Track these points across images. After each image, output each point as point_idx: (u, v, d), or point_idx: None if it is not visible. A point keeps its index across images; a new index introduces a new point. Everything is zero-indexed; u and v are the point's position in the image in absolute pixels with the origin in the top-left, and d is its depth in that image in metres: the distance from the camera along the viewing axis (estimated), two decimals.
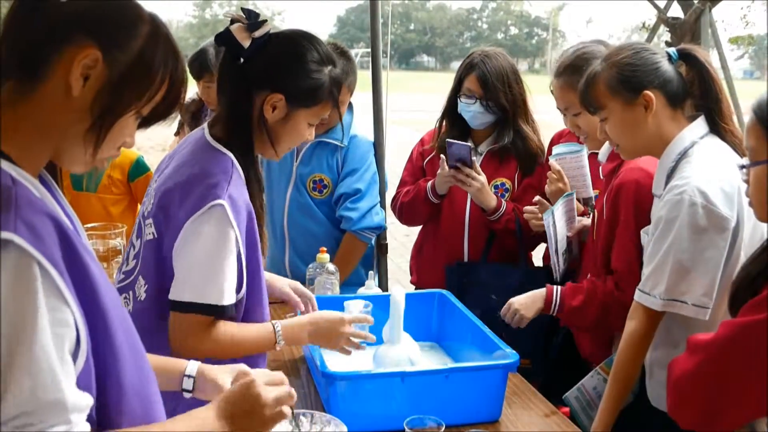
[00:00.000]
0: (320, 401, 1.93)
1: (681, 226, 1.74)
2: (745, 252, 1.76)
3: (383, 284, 3.15)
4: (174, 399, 1.53)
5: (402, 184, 2.89)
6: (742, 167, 1.45)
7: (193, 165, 1.59)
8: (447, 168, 2.60)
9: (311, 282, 2.48)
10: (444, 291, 2.40)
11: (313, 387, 2.03)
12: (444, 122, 2.81)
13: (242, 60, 1.61)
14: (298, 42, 1.66)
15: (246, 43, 1.58)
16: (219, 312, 1.54)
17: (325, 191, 2.80)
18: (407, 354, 2.02)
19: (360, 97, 2.85)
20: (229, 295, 1.55)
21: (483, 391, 1.87)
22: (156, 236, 1.58)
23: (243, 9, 1.61)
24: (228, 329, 1.60)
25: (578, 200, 2.51)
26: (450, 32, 78.83)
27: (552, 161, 2.53)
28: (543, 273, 2.68)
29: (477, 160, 2.72)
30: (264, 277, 1.72)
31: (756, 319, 1.30)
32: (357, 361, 2.14)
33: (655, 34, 8.81)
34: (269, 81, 1.62)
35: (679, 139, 1.85)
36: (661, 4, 8.61)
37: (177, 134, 3.82)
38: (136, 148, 1.88)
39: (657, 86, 1.84)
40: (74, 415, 0.92)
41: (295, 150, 2.78)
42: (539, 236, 2.63)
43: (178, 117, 3.57)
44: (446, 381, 1.83)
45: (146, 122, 1.10)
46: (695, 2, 8.12)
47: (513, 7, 79.04)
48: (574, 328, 2.25)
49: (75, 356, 0.94)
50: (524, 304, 2.22)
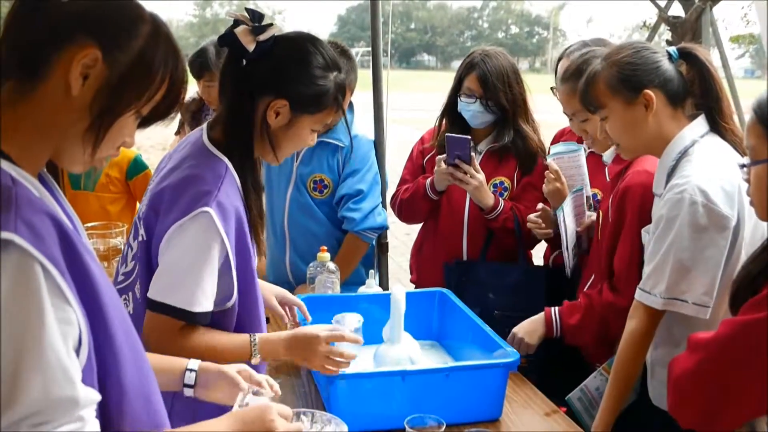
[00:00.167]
0: (321, 400, 1.93)
1: (681, 225, 1.74)
2: (746, 251, 1.76)
3: (384, 283, 3.15)
4: (170, 399, 1.54)
5: (402, 183, 2.89)
6: (743, 166, 1.45)
7: (186, 168, 1.57)
8: (444, 165, 2.59)
9: (312, 281, 2.48)
10: (444, 290, 2.40)
11: (314, 386, 2.04)
12: (444, 121, 2.81)
13: (246, 62, 1.58)
14: (304, 47, 1.62)
15: (251, 47, 1.55)
16: (189, 318, 1.52)
17: (326, 191, 2.79)
18: (408, 353, 2.02)
19: (360, 96, 2.84)
20: (202, 304, 1.52)
21: (483, 390, 1.87)
22: (145, 238, 1.57)
23: (247, 9, 1.58)
24: (204, 337, 1.57)
25: None
26: (450, 31, 78.83)
27: (550, 161, 2.53)
28: (542, 272, 2.68)
29: (476, 159, 2.72)
30: (258, 284, 1.69)
31: (756, 318, 1.30)
32: (358, 360, 2.15)
33: (656, 33, 8.80)
34: (273, 86, 1.59)
35: (680, 138, 1.85)
36: (662, 3, 8.60)
37: (177, 133, 3.82)
38: (136, 147, 1.87)
39: (657, 85, 1.84)
40: (85, 411, 0.93)
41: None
42: (537, 237, 2.63)
43: (179, 116, 3.58)
44: (447, 380, 1.83)
45: (146, 122, 1.10)
46: (696, 1, 8.10)
47: (514, 6, 79.14)
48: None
49: (76, 354, 0.93)
50: (527, 332, 2.22)
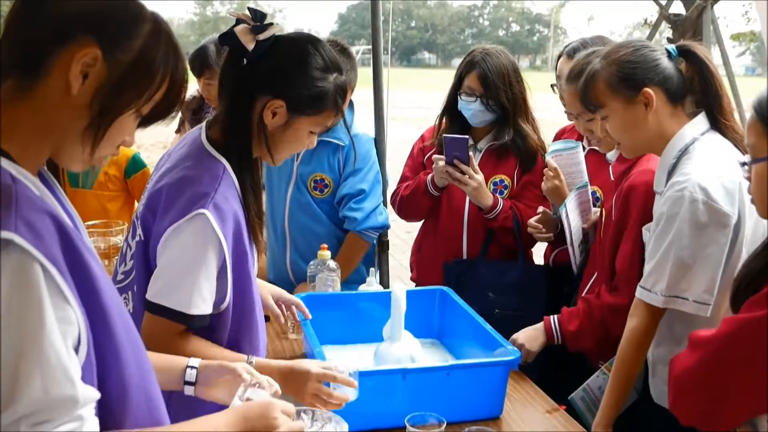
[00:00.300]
0: None
1: (682, 223, 1.74)
2: (747, 248, 1.76)
3: (384, 281, 3.15)
4: (166, 398, 1.54)
5: (402, 180, 2.89)
6: (744, 164, 1.45)
7: (184, 169, 1.56)
8: (443, 163, 2.59)
9: (312, 279, 2.48)
10: (445, 288, 2.40)
11: None
12: (444, 119, 2.81)
13: (245, 62, 1.57)
14: (303, 47, 1.61)
15: (250, 46, 1.54)
16: (186, 320, 1.51)
17: (326, 191, 2.78)
18: (408, 351, 2.02)
19: (361, 94, 2.84)
20: (199, 306, 1.51)
21: (484, 388, 1.87)
22: (143, 238, 1.56)
23: (249, 9, 1.57)
24: (204, 349, 1.56)
25: None
26: (451, 29, 78.76)
27: (548, 158, 2.53)
28: (542, 271, 2.69)
29: (476, 157, 2.72)
30: (257, 285, 1.68)
31: (757, 316, 1.30)
32: (358, 359, 2.15)
33: (657, 31, 8.79)
34: (271, 86, 1.58)
35: (680, 136, 1.84)
36: (663, 1, 8.60)
37: (178, 131, 3.82)
38: (137, 146, 1.87)
39: (657, 83, 1.83)
40: (85, 410, 0.93)
41: None
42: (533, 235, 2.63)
43: (179, 114, 3.58)
44: (447, 378, 1.83)
45: (146, 121, 1.10)
46: None
47: (514, 4, 79.07)
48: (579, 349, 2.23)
49: (76, 352, 0.94)
50: (528, 338, 2.21)
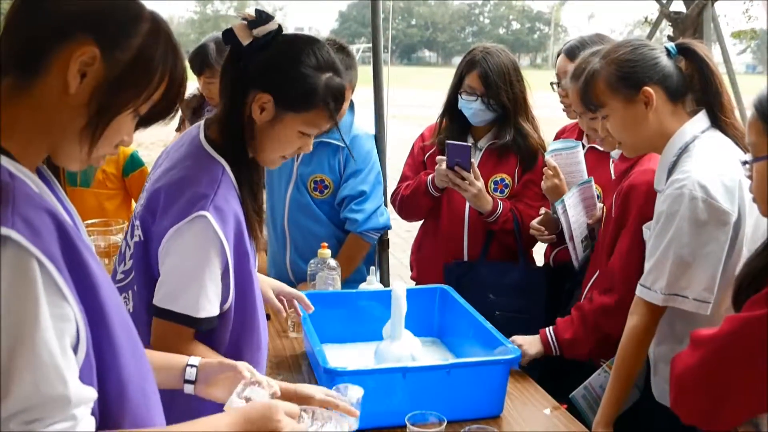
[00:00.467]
0: None
1: (681, 221, 1.74)
2: (748, 247, 1.76)
3: (385, 280, 3.15)
4: (168, 398, 1.54)
5: (403, 179, 2.88)
6: (745, 163, 1.44)
7: (183, 169, 1.55)
8: (445, 166, 2.58)
9: (312, 278, 2.48)
10: (445, 286, 2.40)
11: (315, 383, 2.03)
12: (444, 118, 2.80)
13: (242, 59, 1.57)
14: (298, 45, 1.59)
15: (246, 41, 1.54)
16: (195, 323, 1.51)
17: (326, 191, 2.78)
18: (409, 350, 2.02)
19: (361, 93, 2.84)
20: (206, 308, 1.51)
21: (485, 387, 1.87)
22: (142, 239, 1.56)
23: (256, 10, 1.56)
24: (200, 354, 1.54)
25: None
26: (452, 27, 78.74)
27: (548, 157, 2.53)
28: (543, 272, 2.69)
29: (477, 156, 2.72)
30: (258, 285, 1.68)
31: (758, 315, 1.29)
32: (359, 357, 2.15)
33: (657, 29, 8.79)
34: (260, 81, 1.56)
35: (680, 134, 1.84)
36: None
37: (178, 130, 3.82)
38: (137, 144, 1.87)
39: (656, 82, 1.83)
40: (78, 410, 0.92)
41: None
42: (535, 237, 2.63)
43: (179, 113, 3.57)
44: (448, 376, 1.83)
45: (145, 121, 1.10)
46: None
47: (515, 3, 79.02)
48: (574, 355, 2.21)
49: (75, 351, 0.94)
50: (527, 341, 2.21)
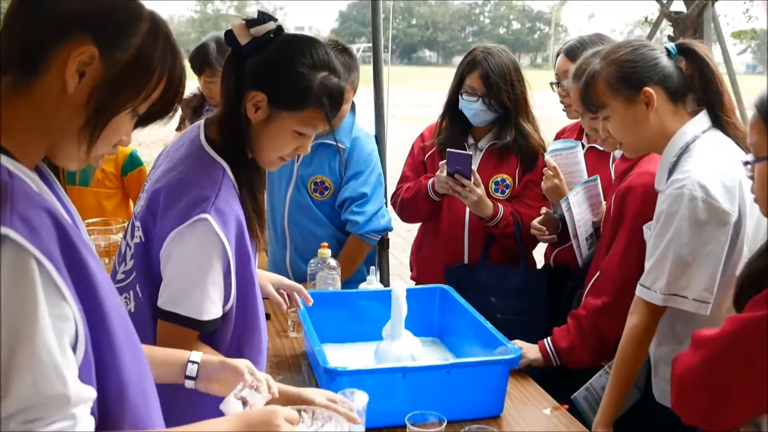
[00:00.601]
0: None
1: (681, 220, 1.74)
2: (749, 247, 1.76)
3: (385, 279, 3.15)
4: (170, 392, 1.52)
5: (403, 180, 2.88)
6: (746, 163, 1.44)
7: (184, 170, 1.55)
8: (445, 173, 2.59)
9: (312, 277, 2.48)
10: (445, 286, 2.39)
11: (315, 382, 2.03)
12: (445, 118, 2.80)
13: (241, 58, 1.57)
14: (295, 44, 1.59)
15: (244, 41, 1.54)
16: (199, 326, 1.51)
17: (327, 193, 2.77)
18: (409, 349, 2.02)
19: (361, 93, 2.84)
20: (210, 311, 1.51)
21: (485, 387, 1.87)
22: (143, 240, 1.55)
23: (259, 11, 1.56)
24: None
25: None
26: (452, 27, 78.70)
27: (547, 157, 2.53)
28: (543, 274, 2.69)
29: (477, 156, 2.72)
30: (258, 286, 1.68)
31: (760, 315, 1.29)
32: (359, 357, 2.15)
33: (658, 29, 8.79)
34: (256, 79, 1.56)
35: (681, 134, 1.84)
36: None
37: (178, 129, 3.82)
38: (137, 143, 1.86)
39: (657, 82, 1.83)
40: (78, 409, 0.92)
41: None
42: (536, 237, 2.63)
43: (179, 112, 3.57)
44: (448, 376, 1.83)
45: (143, 121, 1.10)
46: None
47: (515, 2, 78.99)
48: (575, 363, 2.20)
49: (73, 350, 0.93)
50: (527, 346, 2.20)
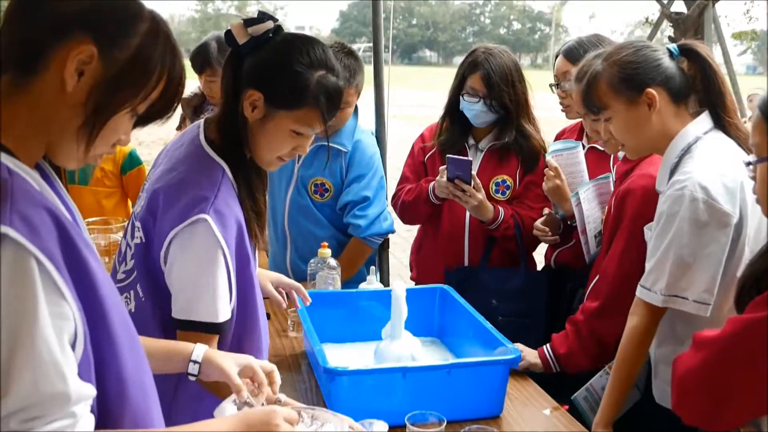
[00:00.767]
0: (321, 396, 1.93)
1: (682, 221, 1.73)
2: (751, 248, 1.75)
3: (385, 279, 3.14)
4: (173, 389, 1.54)
5: (403, 180, 2.88)
6: (749, 164, 1.44)
7: (183, 171, 1.54)
8: (445, 178, 2.59)
9: (312, 277, 2.47)
10: (445, 286, 2.39)
11: (314, 382, 2.04)
12: (445, 119, 2.80)
13: (239, 58, 1.56)
14: (293, 43, 1.57)
15: (242, 40, 1.53)
16: (215, 329, 1.52)
17: (327, 195, 2.76)
18: (409, 349, 2.02)
19: (362, 92, 2.83)
20: (224, 312, 1.52)
21: (484, 387, 1.87)
22: (144, 240, 1.55)
23: (259, 11, 1.56)
24: None
25: None
26: (452, 27, 78.73)
27: (548, 158, 2.53)
28: (544, 275, 2.69)
29: (478, 157, 2.72)
30: (260, 291, 1.68)
31: (761, 316, 1.29)
32: (358, 357, 2.15)
33: (658, 30, 8.79)
34: (252, 78, 1.55)
35: (683, 135, 1.83)
36: (664, 0, 8.59)
37: (179, 128, 3.81)
38: (137, 143, 1.86)
39: (659, 83, 1.82)
40: (78, 407, 0.92)
41: None
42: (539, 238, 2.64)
43: (180, 111, 3.57)
44: (448, 376, 1.83)
45: (143, 121, 1.10)
46: None
47: (516, 2, 79.03)
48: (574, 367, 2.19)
49: (73, 348, 0.93)
50: (527, 350, 2.20)
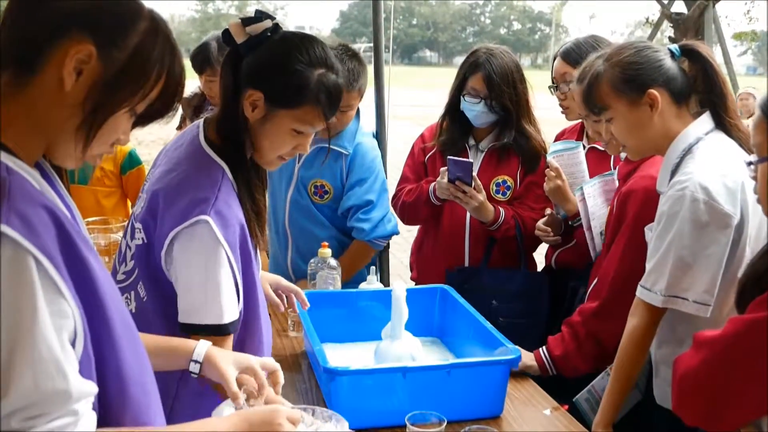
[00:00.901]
0: (321, 396, 1.93)
1: (683, 222, 1.73)
2: (752, 248, 1.75)
3: (385, 280, 3.14)
4: (176, 384, 1.54)
5: (403, 180, 2.88)
6: (750, 164, 1.43)
7: (183, 171, 1.54)
8: (446, 179, 2.59)
9: (313, 277, 2.47)
10: (445, 286, 2.39)
11: (314, 382, 2.03)
12: (445, 119, 2.79)
13: (238, 57, 1.56)
14: (292, 42, 1.56)
15: (240, 40, 1.53)
16: (223, 330, 1.51)
17: (326, 197, 2.75)
18: (409, 349, 2.02)
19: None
20: (230, 312, 1.51)
21: (485, 387, 1.87)
22: (145, 242, 1.55)
23: (257, 10, 1.55)
24: None
25: None
26: (453, 27, 78.72)
27: (549, 158, 2.53)
28: (545, 276, 2.69)
29: (478, 158, 2.72)
30: (262, 291, 1.68)
31: (761, 317, 1.29)
32: (359, 357, 2.15)
33: (659, 30, 8.80)
34: (252, 78, 1.55)
35: (684, 136, 1.83)
36: (665, 0, 8.59)
37: (179, 128, 3.81)
38: (137, 142, 1.86)
39: (661, 84, 1.82)
40: (80, 405, 0.92)
41: None
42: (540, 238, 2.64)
43: (180, 111, 3.57)
44: (448, 377, 1.83)
45: (143, 120, 1.09)
46: None
47: (516, 3, 79.04)
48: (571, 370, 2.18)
49: (72, 346, 0.93)
50: (524, 352, 2.17)
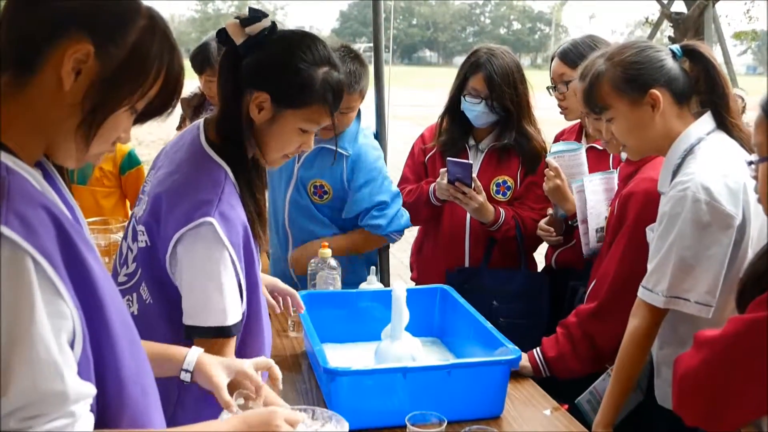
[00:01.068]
0: (321, 397, 1.93)
1: (684, 223, 1.73)
2: (754, 249, 1.75)
3: (385, 280, 3.14)
4: (177, 390, 1.54)
5: (403, 181, 2.87)
6: (751, 163, 1.43)
7: (185, 173, 1.53)
8: (446, 180, 2.59)
9: (313, 277, 2.47)
10: (446, 286, 2.39)
11: (315, 382, 2.03)
12: (445, 119, 2.79)
13: (237, 57, 1.54)
14: (294, 41, 1.55)
15: (239, 40, 1.52)
16: (226, 332, 1.51)
17: (326, 197, 2.73)
18: (409, 350, 2.01)
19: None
20: (233, 314, 1.51)
21: (485, 387, 1.87)
22: (149, 244, 1.54)
23: (250, 9, 1.54)
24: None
25: None
26: (452, 27, 78.68)
27: (549, 159, 2.53)
28: (545, 276, 2.69)
29: (478, 158, 2.71)
30: (262, 289, 1.67)
31: (762, 316, 1.29)
32: (359, 358, 2.15)
33: (658, 30, 8.79)
34: (256, 79, 1.54)
35: (685, 136, 1.83)
36: (665, 0, 8.59)
37: (179, 128, 3.81)
38: (137, 142, 1.86)
39: (663, 84, 1.82)
40: (77, 406, 0.92)
41: None
42: (541, 238, 2.64)
43: (180, 111, 3.57)
44: (448, 377, 1.83)
45: (142, 118, 1.09)
46: None
47: (516, 2, 79.00)
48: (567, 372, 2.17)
49: (71, 347, 0.93)
50: (524, 355, 2.18)
